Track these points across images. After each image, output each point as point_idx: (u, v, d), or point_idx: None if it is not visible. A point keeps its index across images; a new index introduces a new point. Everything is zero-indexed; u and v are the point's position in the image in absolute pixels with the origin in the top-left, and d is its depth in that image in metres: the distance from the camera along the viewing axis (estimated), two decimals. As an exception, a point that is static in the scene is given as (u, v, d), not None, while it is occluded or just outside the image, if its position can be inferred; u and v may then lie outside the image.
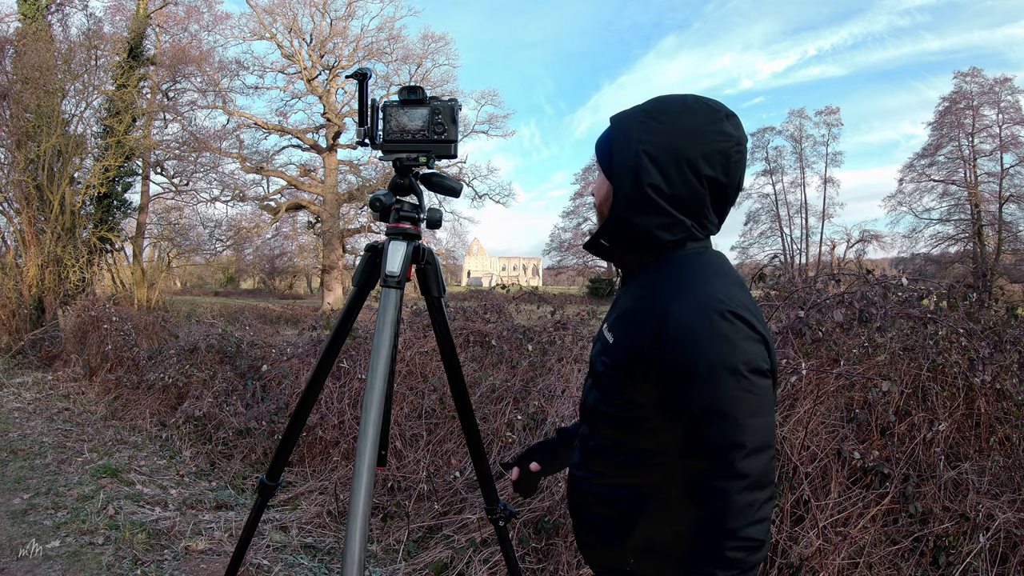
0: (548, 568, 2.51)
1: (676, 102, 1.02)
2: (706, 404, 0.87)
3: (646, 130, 1.01)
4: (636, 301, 1.02)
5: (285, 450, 1.50)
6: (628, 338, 0.99)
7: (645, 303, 0.98)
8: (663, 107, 1.02)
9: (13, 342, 9.28)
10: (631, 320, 1.00)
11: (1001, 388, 2.81)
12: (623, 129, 1.05)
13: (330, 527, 3.20)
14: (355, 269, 1.39)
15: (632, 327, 0.99)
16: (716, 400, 0.87)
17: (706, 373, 0.87)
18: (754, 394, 0.87)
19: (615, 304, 1.11)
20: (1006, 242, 26.93)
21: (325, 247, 23.53)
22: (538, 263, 61.29)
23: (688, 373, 0.88)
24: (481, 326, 4.79)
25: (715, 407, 0.87)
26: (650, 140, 1.00)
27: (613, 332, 1.03)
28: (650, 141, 1.00)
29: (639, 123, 1.02)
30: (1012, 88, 26.61)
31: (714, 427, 0.87)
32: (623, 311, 1.04)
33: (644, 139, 1.00)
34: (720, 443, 0.87)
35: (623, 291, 1.10)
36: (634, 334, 0.97)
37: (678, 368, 0.89)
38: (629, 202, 1.01)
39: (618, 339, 1.01)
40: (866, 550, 2.25)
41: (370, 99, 1.28)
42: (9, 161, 11.57)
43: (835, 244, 32.73)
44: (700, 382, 0.87)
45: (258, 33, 22.52)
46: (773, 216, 33.59)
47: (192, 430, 4.69)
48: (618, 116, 1.08)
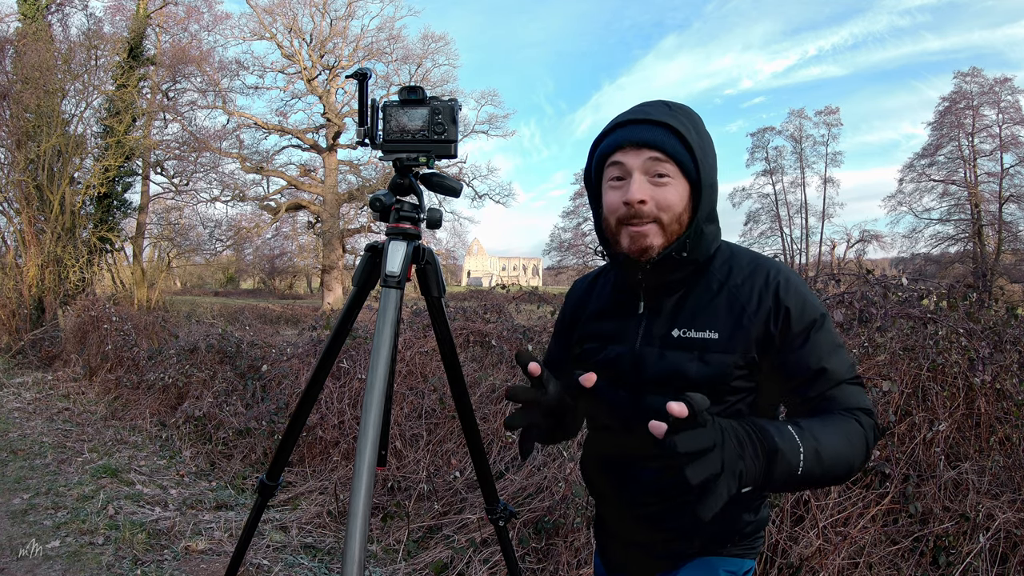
0: (548, 568, 2.51)
1: (700, 117, 1.07)
2: (831, 342, 1.01)
3: (711, 140, 1.06)
4: (716, 293, 1.04)
5: (285, 450, 1.50)
6: (742, 320, 1.01)
7: (738, 288, 1.03)
8: (697, 117, 1.06)
9: (13, 342, 9.28)
10: (731, 307, 1.02)
11: (1001, 388, 2.81)
12: (704, 134, 1.04)
13: (330, 527, 3.20)
14: (355, 269, 1.39)
15: (737, 311, 1.02)
16: (834, 336, 1.02)
17: (822, 318, 1.02)
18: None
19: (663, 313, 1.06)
20: (1006, 242, 26.91)
21: (325, 247, 23.53)
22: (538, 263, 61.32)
23: (813, 320, 1.01)
24: (481, 326, 4.79)
25: (835, 343, 1.02)
26: (714, 151, 1.06)
27: (709, 330, 1.02)
28: (715, 152, 1.06)
29: (707, 133, 1.06)
30: (1012, 88, 26.59)
31: (838, 357, 1.01)
32: (699, 308, 1.04)
33: (714, 149, 1.06)
34: (847, 367, 1.01)
35: (666, 299, 1.07)
36: (751, 316, 1.01)
37: (805, 320, 1.00)
38: (708, 213, 1.03)
39: (724, 329, 1.01)
40: (866, 550, 2.25)
41: (370, 99, 1.27)
42: (9, 161, 11.57)
43: (835, 244, 32.74)
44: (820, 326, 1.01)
45: (258, 33, 22.53)
46: (773, 216, 33.59)
47: (192, 430, 4.69)
48: (688, 116, 1.04)
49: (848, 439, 0.92)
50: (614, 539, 1.20)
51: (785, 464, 0.84)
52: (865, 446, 0.95)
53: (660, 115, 1.01)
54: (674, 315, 1.05)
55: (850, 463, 0.92)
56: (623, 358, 1.08)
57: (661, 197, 1.00)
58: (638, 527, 1.12)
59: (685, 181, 1.01)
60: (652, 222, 1.00)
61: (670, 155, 0.99)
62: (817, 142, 32.41)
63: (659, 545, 1.11)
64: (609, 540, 1.21)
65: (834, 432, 0.92)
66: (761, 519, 1.12)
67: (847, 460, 0.91)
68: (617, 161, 1.02)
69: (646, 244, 1.01)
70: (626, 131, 1.02)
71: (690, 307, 1.04)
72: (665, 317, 1.06)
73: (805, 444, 0.86)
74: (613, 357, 1.09)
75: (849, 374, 1.00)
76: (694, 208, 1.02)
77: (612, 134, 1.04)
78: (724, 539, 1.08)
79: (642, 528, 1.12)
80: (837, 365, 0.99)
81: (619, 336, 1.10)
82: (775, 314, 1.00)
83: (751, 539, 1.11)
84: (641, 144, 1.00)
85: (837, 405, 0.98)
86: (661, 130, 1.00)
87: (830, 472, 0.89)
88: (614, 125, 1.05)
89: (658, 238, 1.01)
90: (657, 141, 0.99)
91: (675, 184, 1.00)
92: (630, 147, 1.01)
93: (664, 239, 1.01)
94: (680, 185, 1.01)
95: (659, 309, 1.07)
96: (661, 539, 1.10)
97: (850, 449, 0.92)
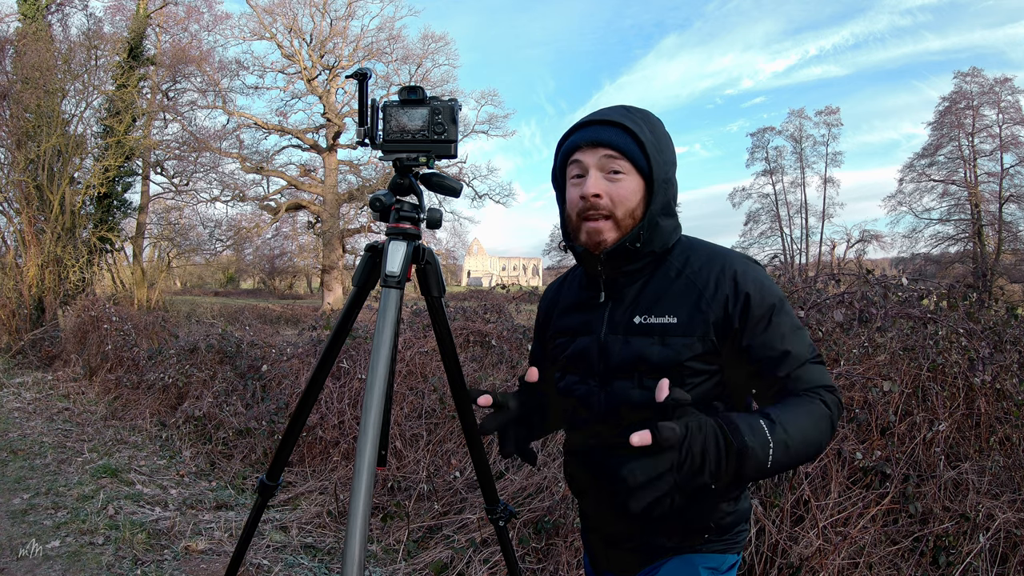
0: (548, 568, 2.51)
1: (659, 121, 1.15)
2: (791, 324, 1.06)
3: (669, 140, 1.13)
4: (674, 280, 1.09)
5: (285, 450, 1.50)
6: (699, 304, 1.05)
7: (695, 274, 1.08)
8: (655, 119, 1.13)
9: (13, 342, 9.28)
10: (688, 292, 1.07)
11: (1001, 388, 2.81)
12: (660, 134, 1.11)
13: (330, 527, 3.20)
14: (355, 269, 1.39)
15: (695, 297, 1.06)
16: (793, 319, 1.07)
17: (781, 302, 1.06)
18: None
19: (624, 302, 1.12)
20: (1006, 242, 26.90)
21: (325, 247, 23.52)
22: (538, 263, 61.34)
23: (773, 305, 1.05)
24: (481, 326, 4.79)
25: (795, 324, 1.06)
26: (672, 150, 1.13)
27: (668, 315, 1.06)
28: (673, 151, 1.13)
29: (665, 133, 1.12)
30: (1012, 88, 26.58)
31: (799, 339, 1.06)
32: (658, 295, 1.09)
33: (672, 148, 1.13)
34: (808, 347, 1.06)
35: (628, 288, 1.12)
36: (708, 300, 1.05)
37: (765, 304, 1.05)
38: (662, 206, 1.09)
39: (682, 313, 1.06)
40: (866, 550, 2.25)
41: (370, 99, 1.27)
42: (9, 161, 11.58)
43: (835, 244, 32.73)
44: (780, 309, 1.06)
45: (258, 33, 22.52)
46: (773, 216, 33.58)
47: (192, 430, 4.69)
48: (644, 118, 1.11)
49: (815, 422, 0.98)
50: (595, 534, 1.22)
51: (755, 461, 0.89)
52: (830, 426, 1.00)
53: (616, 116, 1.09)
54: (635, 303, 1.11)
55: (818, 444, 0.98)
56: (591, 348, 1.14)
57: (615, 192, 1.07)
58: (614, 519, 1.15)
59: (639, 177, 1.08)
60: (606, 218, 1.08)
61: (623, 152, 1.07)
62: (817, 142, 32.42)
63: (636, 537, 1.13)
64: (592, 537, 1.24)
65: (802, 418, 0.97)
66: (741, 510, 1.14)
67: (816, 443, 0.97)
68: (576, 159, 1.10)
69: (600, 238, 1.08)
70: (585, 132, 1.10)
71: (650, 294, 1.10)
72: (627, 306, 1.11)
73: (775, 438, 0.91)
74: (582, 348, 1.15)
75: (811, 353, 1.06)
76: (648, 202, 1.08)
77: (573, 135, 1.12)
78: (701, 531, 1.10)
79: (617, 520, 1.15)
80: (799, 346, 1.04)
81: (586, 328, 1.16)
82: (733, 299, 1.04)
83: (732, 532, 1.12)
84: (597, 143, 1.08)
85: (801, 384, 1.02)
86: (615, 130, 1.08)
87: (798, 459, 0.95)
88: (575, 127, 1.13)
89: (612, 232, 1.08)
90: (611, 140, 1.07)
91: (628, 180, 1.07)
92: (587, 146, 1.09)
93: (617, 233, 1.08)
94: (633, 181, 1.08)
95: (621, 298, 1.13)
96: (637, 531, 1.13)
97: (816, 432, 0.97)
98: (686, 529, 1.10)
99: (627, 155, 1.07)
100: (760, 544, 2.29)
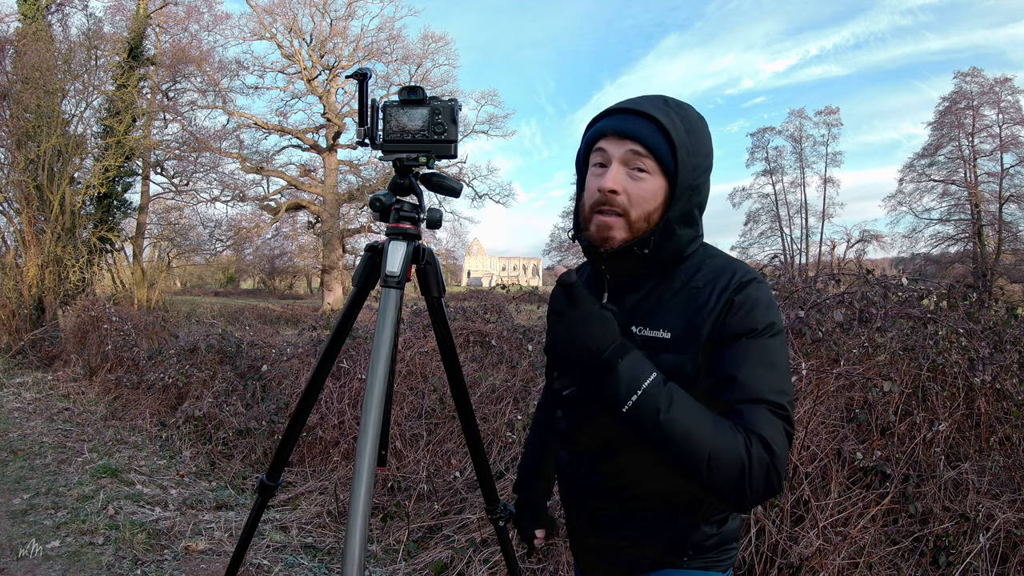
0: (548, 568, 2.51)
1: (700, 118, 1.03)
2: (765, 358, 0.94)
3: (707, 141, 1.03)
4: (676, 292, 1.01)
5: (285, 450, 1.50)
6: (695, 320, 0.97)
7: (698, 289, 0.99)
8: (695, 117, 1.03)
9: (13, 342, 9.28)
10: (687, 307, 0.99)
11: (1001, 388, 2.81)
12: (698, 135, 1.01)
13: (330, 527, 3.20)
14: (355, 269, 1.39)
15: (692, 312, 0.98)
16: (774, 356, 0.95)
17: (768, 329, 0.96)
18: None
19: (625, 308, 1.04)
20: (1006, 242, 26.89)
21: (325, 247, 23.52)
22: (538, 263, 61.33)
23: (754, 329, 0.95)
24: (481, 326, 4.79)
25: (771, 361, 0.94)
26: (709, 153, 1.03)
27: (662, 329, 0.99)
28: (709, 154, 1.03)
29: (704, 133, 1.02)
30: (1012, 88, 26.56)
31: (766, 376, 0.93)
32: (657, 306, 1.01)
33: (708, 151, 1.03)
34: (774, 391, 0.92)
35: (631, 294, 1.05)
36: (705, 316, 0.97)
37: (746, 322, 0.95)
38: (683, 214, 1.01)
39: (676, 329, 0.98)
40: (866, 550, 2.25)
41: (370, 99, 1.27)
42: (9, 161, 11.58)
43: (835, 244, 32.71)
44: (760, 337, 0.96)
45: (258, 33, 22.52)
46: (773, 216, 33.56)
47: (192, 430, 4.69)
48: (682, 115, 1.00)
49: (714, 436, 0.86)
50: (577, 542, 1.21)
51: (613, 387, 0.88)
52: (739, 463, 0.86)
53: (651, 109, 0.99)
54: (634, 311, 1.03)
55: (699, 455, 0.86)
56: None
57: (634, 191, 0.98)
58: (591, 533, 1.13)
59: (663, 179, 0.99)
60: (619, 216, 0.99)
61: (651, 150, 0.97)
62: (817, 142, 32.40)
63: (613, 552, 1.11)
64: (575, 545, 1.23)
65: (702, 419, 0.87)
66: (726, 532, 1.07)
67: (697, 452, 0.86)
68: (601, 148, 1.02)
69: (608, 235, 1.00)
70: (614, 119, 1.01)
71: (650, 304, 1.03)
72: (626, 312, 1.04)
73: (651, 393, 0.87)
74: None
75: (772, 398, 0.91)
76: (668, 207, 1.00)
77: (602, 120, 1.03)
78: (679, 551, 1.05)
79: (594, 535, 1.13)
80: (757, 381, 0.91)
81: None
82: (726, 309, 0.96)
83: (716, 552, 1.06)
84: (624, 135, 0.98)
85: (740, 420, 0.89)
86: (648, 123, 0.98)
87: (662, 441, 0.87)
88: (606, 111, 1.04)
89: (621, 232, 1.00)
90: (640, 134, 0.98)
91: (651, 180, 0.99)
92: (614, 136, 1.00)
93: (627, 234, 1.00)
94: (656, 182, 0.99)
95: (622, 303, 1.05)
96: (614, 546, 1.10)
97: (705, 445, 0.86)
98: (665, 549, 1.06)
99: (654, 154, 0.97)
100: (760, 544, 2.29)
